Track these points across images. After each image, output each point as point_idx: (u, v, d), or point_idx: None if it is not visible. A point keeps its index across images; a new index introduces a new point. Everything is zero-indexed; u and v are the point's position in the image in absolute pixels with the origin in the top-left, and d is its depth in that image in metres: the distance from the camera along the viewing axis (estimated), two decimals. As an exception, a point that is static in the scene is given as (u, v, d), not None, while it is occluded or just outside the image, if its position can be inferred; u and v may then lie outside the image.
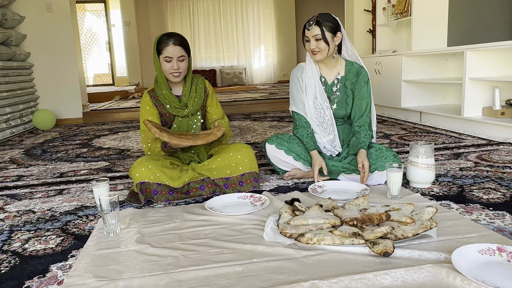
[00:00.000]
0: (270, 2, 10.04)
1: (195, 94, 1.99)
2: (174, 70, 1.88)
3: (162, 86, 1.94)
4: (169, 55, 1.86)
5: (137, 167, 1.81)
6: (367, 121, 2.00)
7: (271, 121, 4.30)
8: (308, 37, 1.96)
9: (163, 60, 1.88)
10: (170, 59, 1.86)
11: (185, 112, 1.96)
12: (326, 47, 1.95)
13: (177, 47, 1.87)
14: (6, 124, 3.97)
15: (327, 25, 1.93)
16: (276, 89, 7.78)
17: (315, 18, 1.94)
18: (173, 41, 1.86)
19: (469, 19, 5.19)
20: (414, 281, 1.06)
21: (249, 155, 1.92)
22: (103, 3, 9.18)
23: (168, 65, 1.87)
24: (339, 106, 2.05)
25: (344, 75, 2.06)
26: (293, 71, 2.14)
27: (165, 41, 1.87)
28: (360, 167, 1.84)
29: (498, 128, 2.92)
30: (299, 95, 2.08)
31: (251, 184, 1.90)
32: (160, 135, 1.72)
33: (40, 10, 4.60)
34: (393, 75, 4.11)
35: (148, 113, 1.97)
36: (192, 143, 1.77)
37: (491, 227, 1.39)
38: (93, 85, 9.33)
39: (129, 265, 1.23)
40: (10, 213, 1.78)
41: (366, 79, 2.03)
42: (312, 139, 2.01)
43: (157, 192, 1.79)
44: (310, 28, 1.94)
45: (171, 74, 1.89)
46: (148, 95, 1.98)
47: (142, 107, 1.99)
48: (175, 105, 1.96)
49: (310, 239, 1.27)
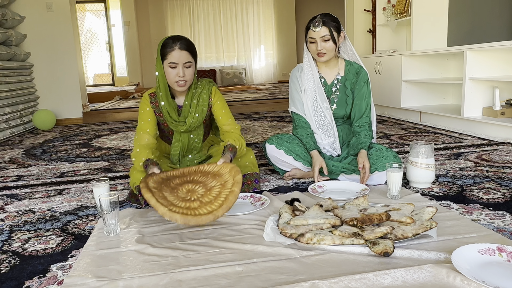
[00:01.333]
0: (270, 2, 10.05)
1: (195, 109, 1.85)
2: (180, 78, 1.72)
3: (163, 96, 1.79)
4: (174, 61, 1.70)
5: (136, 174, 1.75)
6: (367, 121, 2.00)
7: (271, 121, 4.30)
8: (315, 38, 1.92)
9: (167, 66, 1.72)
10: (175, 65, 1.71)
11: (183, 128, 1.84)
12: (333, 48, 1.94)
13: (183, 52, 1.71)
14: (6, 124, 3.97)
15: (333, 25, 1.91)
16: (276, 89, 7.78)
17: (320, 18, 1.91)
18: (179, 45, 1.70)
19: (469, 19, 5.19)
20: (414, 281, 1.06)
21: (249, 157, 1.92)
22: (103, 3, 9.18)
23: (173, 72, 1.72)
24: (338, 106, 2.05)
25: (344, 75, 2.05)
26: (292, 72, 2.13)
27: (170, 45, 1.71)
28: (361, 167, 1.84)
29: (498, 128, 2.92)
30: (298, 96, 2.07)
31: (251, 185, 1.90)
32: (171, 218, 1.32)
33: (40, 10, 4.60)
34: (393, 75, 4.11)
35: (147, 114, 1.84)
36: (212, 218, 1.36)
37: (491, 227, 1.39)
38: (93, 85, 9.33)
39: (129, 265, 1.23)
40: (10, 213, 1.78)
41: (366, 79, 2.03)
42: (312, 139, 2.01)
43: None
44: (317, 29, 1.90)
45: (176, 83, 1.74)
46: (148, 99, 1.85)
47: (142, 108, 1.85)
48: (173, 120, 1.84)
49: (310, 239, 1.27)
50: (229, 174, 1.47)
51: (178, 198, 1.39)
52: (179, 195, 1.41)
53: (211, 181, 1.47)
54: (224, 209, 1.32)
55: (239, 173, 1.42)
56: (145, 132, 1.82)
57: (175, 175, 1.51)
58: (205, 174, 1.52)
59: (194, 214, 1.30)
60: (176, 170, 1.54)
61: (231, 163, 1.53)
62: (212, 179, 1.49)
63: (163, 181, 1.46)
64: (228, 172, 1.48)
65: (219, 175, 1.50)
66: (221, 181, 1.46)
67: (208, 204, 1.36)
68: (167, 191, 1.41)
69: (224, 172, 1.49)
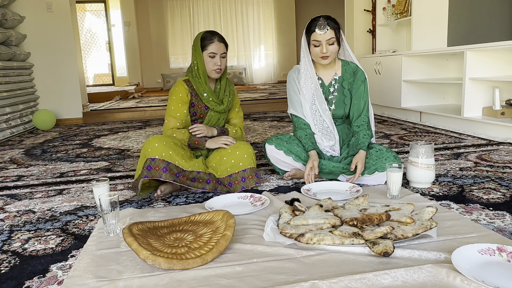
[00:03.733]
0: (270, 2, 10.04)
1: (228, 93, 2.09)
2: (217, 66, 1.96)
3: (203, 79, 2.00)
4: (214, 51, 1.95)
5: (152, 141, 1.80)
6: (366, 120, 1.99)
7: (271, 121, 4.30)
8: (321, 41, 1.89)
9: (207, 55, 1.96)
10: (214, 54, 1.95)
11: (221, 108, 2.05)
12: (337, 50, 1.95)
13: (221, 44, 1.97)
14: (6, 124, 3.97)
15: (336, 27, 1.91)
16: (276, 89, 7.78)
17: (325, 21, 1.88)
18: (217, 38, 1.97)
19: (469, 19, 5.19)
20: (414, 281, 1.06)
21: (247, 150, 1.93)
22: (103, 3, 9.18)
23: (212, 61, 1.96)
24: (337, 107, 2.04)
25: (341, 75, 2.05)
26: (289, 74, 2.12)
27: (210, 38, 1.96)
28: (353, 168, 1.84)
29: (498, 128, 2.92)
30: (297, 97, 2.07)
31: (253, 179, 1.90)
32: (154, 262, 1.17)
33: (40, 10, 4.60)
34: (393, 75, 4.10)
35: (179, 99, 1.99)
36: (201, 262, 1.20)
37: (491, 227, 1.39)
38: (93, 85, 9.33)
39: (129, 265, 1.23)
40: (10, 213, 1.78)
41: (363, 78, 2.02)
42: (310, 140, 2.01)
43: (166, 170, 1.75)
44: (323, 32, 1.87)
45: (214, 70, 1.97)
46: (184, 83, 2.02)
47: (175, 93, 2.00)
48: (214, 100, 2.02)
49: (310, 239, 1.27)
50: (221, 221, 1.40)
51: (164, 245, 1.27)
52: (166, 242, 1.30)
53: (202, 229, 1.38)
54: (215, 253, 1.21)
55: (232, 217, 1.35)
56: (175, 116, 1.99)
57: (163, 225, 1.42)
58: (195, 223, 1.44)
59: (180, 258, 1.19)
60: (165, 221, 1.45)
61: (223, 210, 1.47)
62: (203, 227, 1.40)
63: (149, 230, 1.37)
64: (220, 219, 1.41)
65: (210, 223, 1.42)
66: (213, 228, 1.38)
67: (197, 250, 1.25)
68: (152, 238, 1.30)
69: (216, 219, 1.43)
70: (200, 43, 1.97)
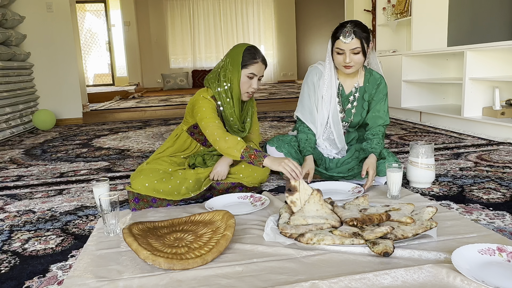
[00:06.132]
0: (270, 2, 10.04)
1: (249, 119, 1.91)
2: (252, 90, 1.77)
3: (235, 102, 1.78)
4: (255, 72, 1.75)
5: (137, 180, 1.69)
6: (382, 131, 1.93)
7: (271, 121, 4.30)
8: (344, 50, 1.78)
9: (246, 75, 1.74)
10: (253, 76, 1.75)
11: (242, 135, 1.86)
12: (362, 61, 1.82)
13: (263, 66, 1.77)
14: (6, 124, 3.97)
15: (364, 36, 1.79)
16: (276, 89, 7.77)
17: (351, 28, 1.77)
18: (261, 60, 1.76)
19: (469, 19, 5.19)
20: (414, 281, 1.06)
21: (264, 175, 1.90)
22: (103, 3, 9.18)
23: (249, 83, 1.76)
24: (354, 118, 1.99)
25: (363, 85, 1.96)
26: (310, 74, 1.98)
27: (254, 56, 1.74)
28: (363, 174, 1.79)
29: (498, 128, 2.92)
30: (309, 103, 1.98)
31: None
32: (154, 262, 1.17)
33: (40, 10, 4.60)
34: (393, 75, 4.10)
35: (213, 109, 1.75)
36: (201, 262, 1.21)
37: (491, 227, 1.39)
38: (93, 85, 9.32)
39: (129, 265, 1.23)
40: (10, 213, 1.78)
41: (385, 92, 1.94)
42: (309, 145, 1.96)
43: (156, 201, 1.73)
44: (347, 40, 1.76)
45: (247, 93, 1.78)
46: (212, 101, 1.77)
47: (205, 105, 1.74)
48: (239, 127, 1.86)
49: (310, 239, 1.27)
50: (221, 221, 1.40)
51: (164, 245, 1.28)
52: (166, 242, 1.31)
53: (202, 229, 1.39)
54: (215, 253, 1.21)
55: (232, 217, 1.34)
56: (212, 115, 1.73)
57: (163, 225, 1.43)
58: (195, 223, 1.45)
59: (180, 258, 1.20)
60: (165, 221, 1.46)
61: (223, 210, 1.46)
62: (203, 227, 1.40)
63: (149, 230, 1.38)
64: (220, 219, 1.41)
65: (210, 223, 1.42)
66: (213, 228, 1.38)
67: (196, 250, 1.25)
68: (152, 238, 1.32)
69: (216, 219, 1.43)
70: (241, 58, 1.73)
